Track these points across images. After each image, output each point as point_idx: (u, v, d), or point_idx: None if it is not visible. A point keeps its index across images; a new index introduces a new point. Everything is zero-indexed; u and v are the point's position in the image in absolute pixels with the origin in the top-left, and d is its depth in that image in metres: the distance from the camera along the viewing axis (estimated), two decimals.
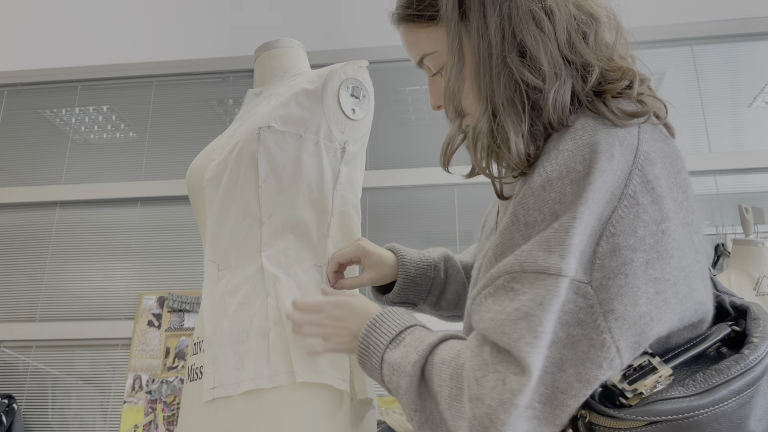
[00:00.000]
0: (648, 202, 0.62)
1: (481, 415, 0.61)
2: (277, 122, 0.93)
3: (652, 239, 0.62)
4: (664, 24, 2.87)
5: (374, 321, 0.80)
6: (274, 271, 0.91)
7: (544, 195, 0.64)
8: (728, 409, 0.60)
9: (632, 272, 0.60)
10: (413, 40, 0.81)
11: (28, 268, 2.92)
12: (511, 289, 0.63)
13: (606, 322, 0.60)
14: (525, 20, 0.68)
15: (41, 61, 3.17)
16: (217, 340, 0.92)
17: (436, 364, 0.70)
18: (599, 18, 0.72)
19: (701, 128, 2.78)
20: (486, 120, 0.69)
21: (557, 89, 0.66)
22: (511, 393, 0.59)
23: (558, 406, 0.61)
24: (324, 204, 0.95)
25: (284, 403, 0.84)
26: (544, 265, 0.61)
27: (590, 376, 0.60)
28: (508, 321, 0.62)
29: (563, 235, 0.61)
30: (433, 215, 2.83)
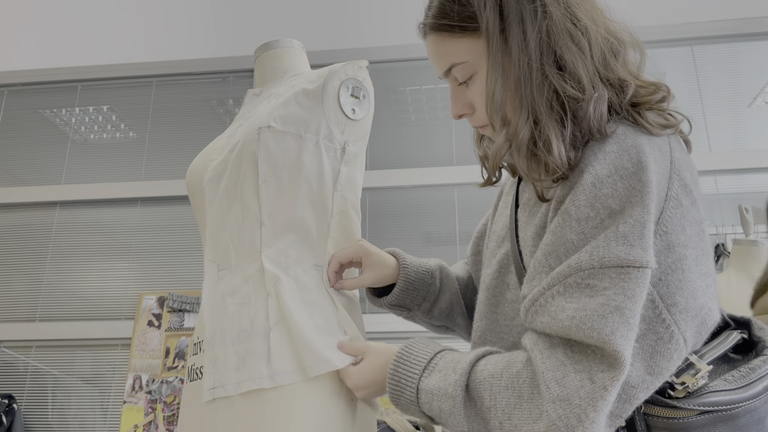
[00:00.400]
0: (689, 203, 0.68)
1: (567, 416, 0.61)
2: (277, 122, 0.93)
3: (697, 237, 0.67)
4: (664, 24, 2.88)
5: (401, 354, 0.78)
6: (275, 270, 0.91)
7: (596, 191, 0.66)
8: (759, 404, 0.67)
9: (688, 267, 0.65)
10: (444, 49, 0.82)
11: (28, 268, 2.92)
12: (587, 285, 0.64)
13: (671, 315, 0.64)
14: (562, 37, 0.72)
15: (41, 61, 3.17)
16: (218, 340, 0.92)
17: (484, 380, 0.69)
18: (626, 42, 0.77)
19: (701, 128, 2.78)
20: (528, 128, 0.71)
21: (596, 100, 0.70)
22: (603, 389, 0.61)
23: (628, 401, 0.63)
24: (324, 204, 0.95)
25: (285, 403, 0.84)
26: (627, 258, 0.63)
27: (662, 368, 0.64)
28: (595, 316, 0.62)
29: (641, 229, 0.63)
30: (433, 215, 2.83)
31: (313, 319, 0.89)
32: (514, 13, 0.74)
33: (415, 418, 0.80)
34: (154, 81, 3.16)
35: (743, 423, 0.66)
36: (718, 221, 2.60)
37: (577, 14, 0.74)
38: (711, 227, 2.59)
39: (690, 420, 0.64)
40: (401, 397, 0.76)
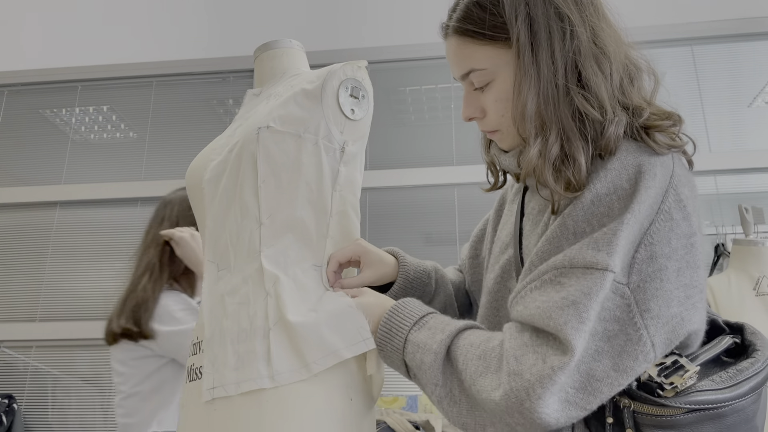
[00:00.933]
0: (680, 218, 0.72)
1: (518, 388, 0.67)
2: (277, 122, 0.93)
3: (683, 251, 0.71)
4: (664, 24, 2.88)
5: (395, 307, 0.85)
6: (274, 270, 0.91)
7: (593, 209, 0.72)
8: (746, 404, 0.70)
9: (666, 277, 0.69)
10: (466, 53, 0.84)
11: (28, 268, 2.92)
12: (558, 282, 0.71)
13: (643, 319, 0.68)
14: (588, 59, 0.77)
15: (41, 61, 3.17)
16: (217, 340, 0.92)
17: (463, 346, 0.76)
18: (642, 68, 0.81)
19: (701, 128, 2.78)
20: (558, 144, 0.76)
21: (616, 123, 0.74)
22: (551, 369, 0.66)
23: (591, 393, 0.67)
24: (323, 204, 0.95)
25: (284, 403, 0.84)
26: (592, 260, 0.69)
27: (627, 366, 0.67)
28: (555, 308, 0.69)
29: (611, 237, 0.69)
30: (433, 215, 2.83)
31: (316, 314, 0.89)
32: (544, 29, 0.77)
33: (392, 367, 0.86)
34: (154, 81, 3.16)
35: (730, 422, 0.69)
36: (718, 221, 2.60)
37: (603, 38, 0.78)
38: (711, 227, 2.59)
39: (678, 418, 0.67)
40: (389, 344, 0.83)
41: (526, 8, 0.78)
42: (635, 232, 0.70)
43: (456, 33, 0.84)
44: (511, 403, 0.67)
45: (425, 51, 2.97)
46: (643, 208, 0.70)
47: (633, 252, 0.70)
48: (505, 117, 0.84)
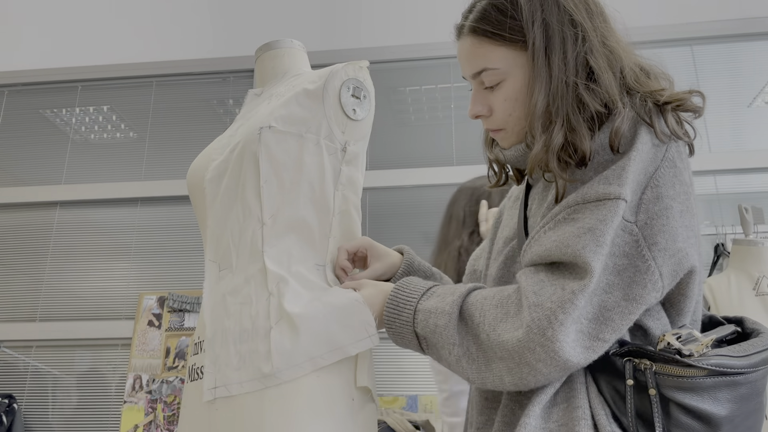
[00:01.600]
0: (683, 167, 0.78)
1: (539, 317, 0.70)
2: (278, 122, 0.93)
3: (684, 196, 0.76)
4: (664, 24, 2.88)
5: (401, 284, 0.88)
6: (277, 270, 0.91)
7: (598, 158, 0.78)
8: (758, 375, 0.73)
9: (672, 216, 0.74)
10: (480, 53, 0.88)
11: (28, 268, 2.92)
12: (572, 219, 0.75)
13: (650, 252, 0.72)
14: (599, 57, 0.82)
15: (41, 61, 3.17)
16: (218, 339, 0.92)
17: (477, 301, 0.80)
18: (657, 74, 0.87)
19: (701, 128, 2.76)
20: (562, 135, 0.80)
21: (623, 118, 0.78)
22: (571, 293, 0.70)
23: (604, 322, 0.71)
24: (326, 203, 0.95)
25: (285, 403, 0.84)
26: (603, 192, 0.73)
27: (636, 294, 0.71)
28: (571, 236, 0.72)
29: (620, 171, 0.74)
30: (433, 215, 2.83)
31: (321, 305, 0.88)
32: (558, 34, 0.83)
33: (400, 345, 0.87)
34: (154, 81, 3.16)
35: (744, 392, 0.71)
36: (718, 221, 2.60)
37: (611, 44, 0.84)
38: (711, 227, 2.59)
39: (699, 380, 0.69)
40: (397, 318, 0.85)
41: (542, 14, 0.83)
42: (641, 173, 0.74)
43: (472, 33, 0.88)
44: (533, 335, 0.70)
45: (425, 51, 2.97)
46: (646, 148, 0.75)
47: (640, 193, 0.74)
48: (512, 116, 0.88)
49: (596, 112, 0.80)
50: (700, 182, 2.73)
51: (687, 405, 0.70)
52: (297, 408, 0.84)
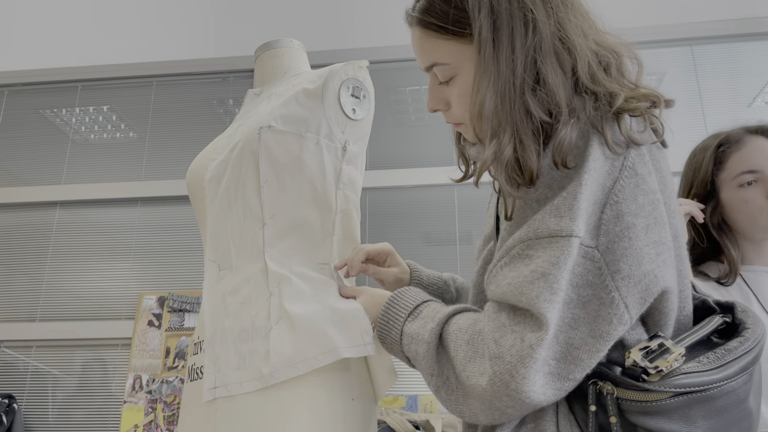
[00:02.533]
0: (646, 172, 0.70)
1: (501, 371, 0.66)
2: (278, 122, 0.93)
3: (650, 206, 0.69)
4: (664, 24, 2.87)
5: (392, 298, 0.85)
6: (279, 270, 0.91)
7: (552, 173, 0.71)
8: (736, 385, 0.67)
9: (635, 235, 0.67)
10: (428, 47, 0.82)
11: (28, 268, 2.92)
12: (526, 255, 0.69)
13: (614, 281, 0.66)
14: (549, 56, 0.73)
15: (41, 61, 3.17)
16: (218, 339, 0.92)
17: (453, 332, 0.75)
18: (621, 53, 0.77)
19: (701, 128, 2.78)
20: (511, 147, 0.73)
21: (571, 126, 0.71)
22: (530, 348, 0.65)
23: (572, 362, 0.66)
24: (328, 202, 0.95)
25: (285, 403, 0.84)
26: (555, 228, 0.67)
27: (603, 331, 0.66)
28: (525, 282, 0.67)
29: (571, 201, 0.67)
30: (433, 215, 2.83)
31: (320, 306, 0.88)
32: (507, 24, 0.74)
33: (397, 358, 0.86)
34: (154, 81, 3.16)
35: (721, 405, 0.66)
36: None
37: (567, 30, 0.75)
38: None
39: (664, 403, 0.64)
40: (387, 336, 0.83)
41: (490, 1, 0.75)
42: (597, 192, 0.67)
43: (419, 25, 0.81)
44: (497, 388, 0.66)
45: None
46: (598, 164, 0.68)
47: (599, 213, 0.67)
48: (469, 112, 0.80)
49: (541, 122, 0.72)
50: None
51: (655, 429, 0.65)
52: (297, 408, 0.84)
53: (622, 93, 0.73)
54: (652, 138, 0.74)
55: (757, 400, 0.71)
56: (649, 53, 3.04)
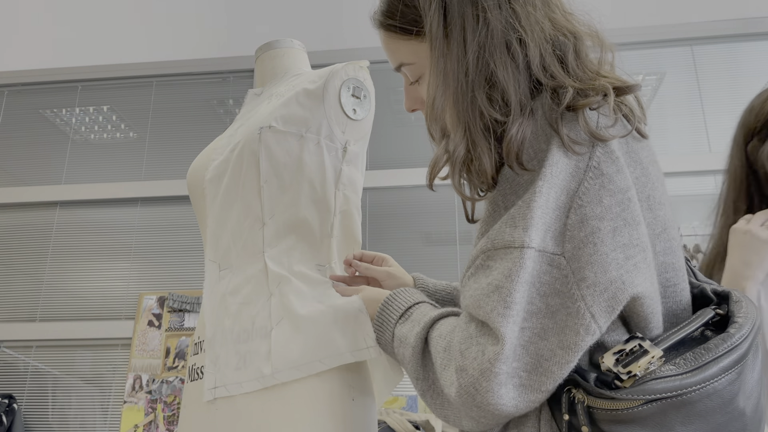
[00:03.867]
0: (613, 171, 0.65)
1: (466, 384, 0.64)
2: (279, 122, 0.93)
3: (619, 207, 0.65)
4: (664, 24, 2.88)
5: (387, 299, 0.85)
6: (279, 270, 0.91)
7: (518, 179, 0.68)
8: (719, 386, 0.62)
9: (600, 240, 0.63)
10: (392, 48, 0.83)
11: (28, 268, 2.92)
12: (486, 266, 0.67)
13: (579, 290, 0.63)
14: (499, 49, 0.70)
15: (41, 61, 3.17)
16: (219, 339, 0.92)
17: (435, 338, 0.74)
18: (580, 35, 0.73)
19: (701, 128, 2.78)
20: (464, 146, 0.71)
21: (521, 123, 0.68)
22: (489, 362, 0.63)
23: (543, 373, 0.63)
24: (327, 203, 0.95)
25: (286, 403, 0.84)
26: (509, 239, 0.64)
27: (571, 342, 0.63)
28: (482, 295, 0.65)
29: (525, 210, 0.64)
30: (433, 215, 2.83)
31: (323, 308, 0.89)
32: (457, 19, 0.72)
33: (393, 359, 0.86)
34: (154, 81, 3.16)
35: (701, 409, 0.61)
36: None
37: (520, 17, 0.72)
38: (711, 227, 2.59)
39: (635, 410, 0.61)
40: (382, 337, 0.84)
41: None
42: (559, 197, 0.64)
43: (381, 27, 0.82)
44: (464, 400, 0.65)
45: None
46: (557, 169, 0.64)
47: (564, 218, 0.64)
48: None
49: (491, 120, 0.69)
50: (701, 182, 2.73)
51: None
52: (297, 408, 0.84)
53: (572, 87, 0.69)
54: (622, 131, 0.69)
55: (747, 398, 0.65)
56: (649, 53, 3.04)
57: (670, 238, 0.72)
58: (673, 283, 0.72)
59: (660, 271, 0.71)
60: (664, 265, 0.71)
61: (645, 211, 0.69)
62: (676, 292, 0.73)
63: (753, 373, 0.66)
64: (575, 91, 0.69)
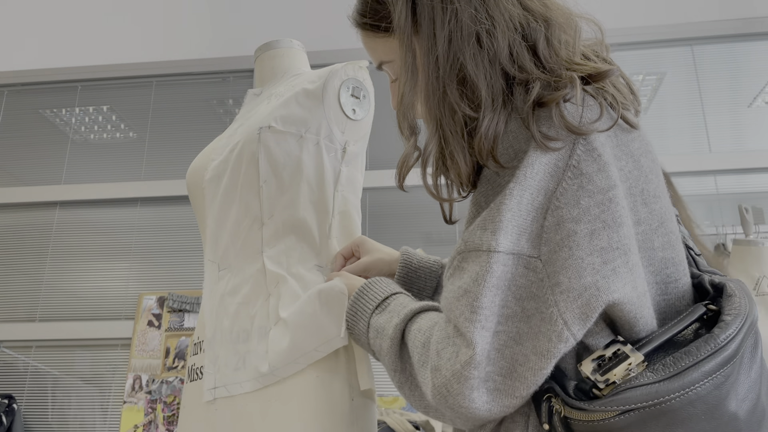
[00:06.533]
0: (593, 170, 0.62)
1: (439, 384, 0.63)
2: (278, 122, 0.93)
3: (598, 209, 0.61)
4: (664, 24, 2.87)
5: (362, 289, 0.83)
6: (277, 271, 0.91)
7: (498, 180, 0.66)
8: (702, 392, 0.58)
9: (576, 244, 0.60)
10: (370, 46, 0.82)
11: (28, 268, 2.92)
12: (461, 268, 0.65)
13: (553, 295, 0.61)
14: (468, 42, 0.68)
15: (41, 61, 3.17)
16: (218, 340, 0.92)
17: (413, 331, 0.72)
18: (552, 20, 0.69)
19: (701, 128, 2.78)
20: (436, 143, 0.70)
21: (491, 118, 0.66)
22: (461, 365, 0.62)
23: (517, 378, 0.62)
24: (325, 204, 0.95)
25: (285, 403, 0.84)
26: (478, 242, 0.63)
27: (544, 349, 0.61)
28: (453, 298, 0.64)
29: (495, 213, 0.62)
30: (433, 215, 2.82)
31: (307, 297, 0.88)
32: (427, 11, 0.70)
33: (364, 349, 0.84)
34: (154, 81, 3.16)
35: (684, 416, 0.57)
36: (718, 221, 2.60)
37: (488, 6, 0.69)
38: (711, 227, 2.59)
39: (611, 421, 0.57)
40: (356, 327, 0.81)
41: None
42: (533, 198, 0.62)
43: (358, 26, 0.82)
44: (438, 400, 0.64)
45: None
46: (531, 171, 0.62)
47: (541, 220, 0.62)
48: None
49: (464, 115, 0.67)
50: (701, 182, 2.73)
51: None
52: (297, 408, 0.84)
53: (540, 80, 0.66)
54: (608, 123, 0.65)
55: (741, 400, 0.61)
56: (649, 53, 3.04)
57: (668, 231, 0.69)
58: (674, 279, 0.69)
59: (660, 268, 0.68)
60: (663, 261, 0.68)
61: (639, 206, 0.67)
62: (677, 287, 0.69)
63: (749, 373, 0.62)
64: (543, 84, 0.66)
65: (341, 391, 0.87)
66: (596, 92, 0.67)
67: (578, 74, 0.66)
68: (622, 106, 0.69)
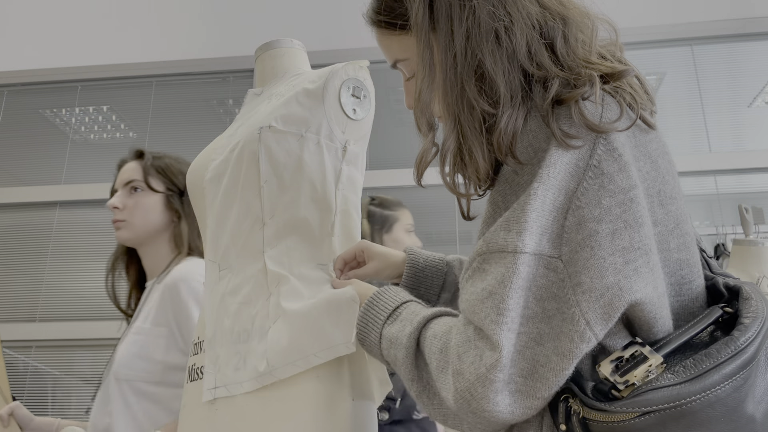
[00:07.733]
0: (614, 170, 0.62)
1: (462, 389, 0.63)
2: (279, 122, 0.93)
3: (619, 209, 0.62)
4: (664, 24, 2.88)
5: (372, 299, 0.82)
6: (279, 270, 0.91)
7: (517, 179, 0.66)
8: (722, 394, 0.58)
9: (598, 244, 0.61)
10: (385, 44, 0.82)
11: (28, 268, 2.92)
12: (482, 270, 0.65)
13: (575, 295, 0.61)
14: (487, 38, 0.68)
15: (41, 61, 3.17)
16: (218, 339, 0.92)
17: (429, 338, 0.71)
18: (569, 19, 0.70)
19: (701, 128, 2.78)
20: (454, 139, 0.70)
21: (510, 114, 0.66)
22: (485, 368, 0.61)
23: (538, 379, 0.62)
24: (327, 203, 0.95)
25: (285, 402, 0.84)
26: (503, 243, 0.63)
27: (566, 349, 0.61)
28: (477, 301, 0.64)
29: (519, 213, 0.62)
30: (433, 215, 2.83)
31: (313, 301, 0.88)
32: (444, 8, 0.70)
33: (378, 360, 0.83)
34: (154, 81, 3.16)
35: (703, 418, 0.58)
36: (718, 221, 2.60)
37: (506, 3, 0.69)
38: (711, 227, 2.59)
39: (631, 423, 0.58)
40: (367, 338, 0.80)
41: None
42: (557, 197, 0.62)
43: (373, 24, 0.81)
44: (460, 405, 0.63)
45: None
46: (554, 171, 0.62)
47: (562, 220, 0.62)
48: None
49: (482, 112, 0.67)
50: (701, 182, 2.73)
51: None
52: (297, 408, 0.84)
53: (558, 78, 0.66)
54: (626, 124, 0.65)
55: (763, 403, 0.62)
56: (649, 53, 3.04)
57: (683, 233, 0.69)
58: (688, 280, 0.69)
59: (675, 269, 0.68)
60: (678, 263, 0.69)
61: (656, 207, 0.67)
62: (691, 289, 0.70)
63: (765, 375, 0.63)
64: (562, 82, 0.66)
65: (341, 391, 0.87)
66: (614, 91, 0.67)
67: (597, 73, 0.66)
68: (640, 106, 0.69)
